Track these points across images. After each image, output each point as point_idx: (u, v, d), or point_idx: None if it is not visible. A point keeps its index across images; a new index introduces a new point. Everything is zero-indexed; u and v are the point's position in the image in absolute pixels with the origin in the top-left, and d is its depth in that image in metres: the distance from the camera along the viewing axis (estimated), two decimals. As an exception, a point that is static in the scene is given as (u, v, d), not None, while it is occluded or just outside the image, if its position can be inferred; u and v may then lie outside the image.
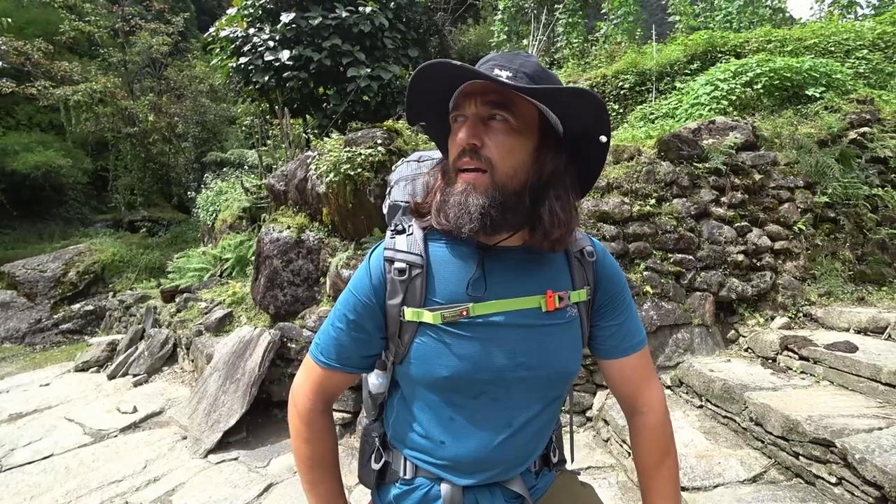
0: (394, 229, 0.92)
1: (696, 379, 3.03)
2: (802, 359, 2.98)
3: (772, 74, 4.60)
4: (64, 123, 11.73)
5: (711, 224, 3.65)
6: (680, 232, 3.54)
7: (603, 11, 8.48)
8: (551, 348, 0.88)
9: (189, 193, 11.28)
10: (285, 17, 6.79)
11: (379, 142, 4.04)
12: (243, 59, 7.02)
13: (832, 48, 5.45)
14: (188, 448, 3.39)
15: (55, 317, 8.05)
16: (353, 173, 3.84)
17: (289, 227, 4.28)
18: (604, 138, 0.82)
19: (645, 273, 3.41)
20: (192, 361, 4.67)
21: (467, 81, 0.78)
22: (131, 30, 12.04)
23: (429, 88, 0.82)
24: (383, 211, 1.16)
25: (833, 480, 2.14)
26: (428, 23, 10.57)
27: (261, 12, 7.34)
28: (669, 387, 3.26)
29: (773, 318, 3.56)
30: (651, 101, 5.73)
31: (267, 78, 6.91)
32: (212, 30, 7.89)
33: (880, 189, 3.97)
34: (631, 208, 3.53)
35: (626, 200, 3.56)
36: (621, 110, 6.03)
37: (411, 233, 0.90)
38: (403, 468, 0.93)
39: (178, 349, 5.15)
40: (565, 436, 1.13)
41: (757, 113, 4.54)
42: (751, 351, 3.36)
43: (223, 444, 3.37)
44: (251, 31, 7.17)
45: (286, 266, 4.09)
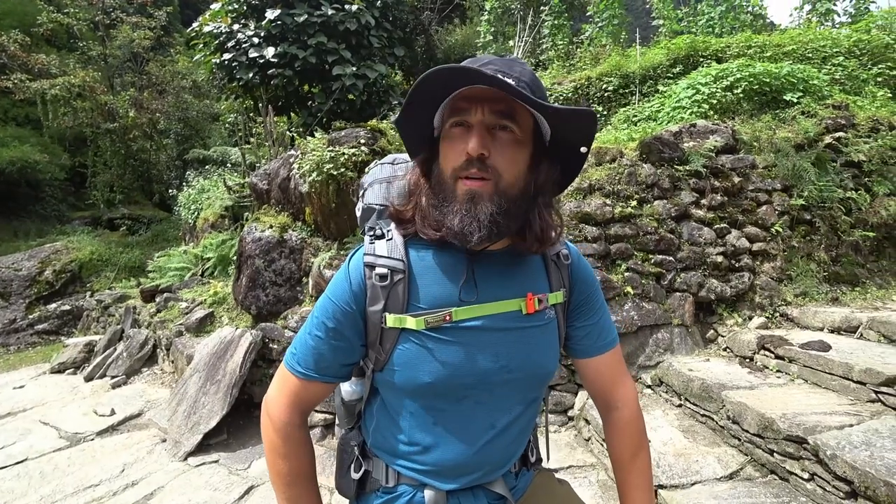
0: (372, 234, 0.91)
1: (675, 378, 3.08)
2: (778, 358, 3.04)
3: (751, 79, 4.70)
4: (41, 118, 11.45)
5: (691, 226, 3.71)
6: (660, 233, 3.59)
7: (588, 14, 8.55)
8: (532, 350, 0.89)
9: (171, 191, 11.11)
10: (270, 14, 6.72)
11: (362, 141, 4.02)
12: (227, 56, 6.93)
13: (810, 54, 5.57)
14: (167, 451, 3.34)
15: (30, 317, 7.86)
16: (336, 173, 3.82)
17: (271, 227, 4.23)
18: (584, 149, 0.85)
19: (626, 274, 3.46)
20: (173, 362, 4.60)
21: (474, 84, 0.75)
22: (112, 23, 11.82)
23: (427, 89, 0.79)
24: (356, 214, 1.15)
25: (806, 476, 2.20)
26: (414, 22, 10.55)
27: (245, 8, 7.25)
28: (650, 386, 3.30)
29: (751, 318, 3.63)
30: (634, 104, 5.80)
31: (251, 75, 6.84)
32: (195, 25, 7.77)
33: (854, 192, 4.08)
34: (613, 210, 3.57)
35: (609, 202, 3.60)
36: (605, 112, 6.09)
37: (391, 238, 0.89)
38: (385, 476, 0.92)
39: (158, 350, 5.06)
40: (541, 435, 1.14)
41: (737, 117, 4.63)
42: (729, 350, 3.42)
43: (203, 447, 3.32)
44: (235, 27, 7.08)
45: (268, 266, 4.05)
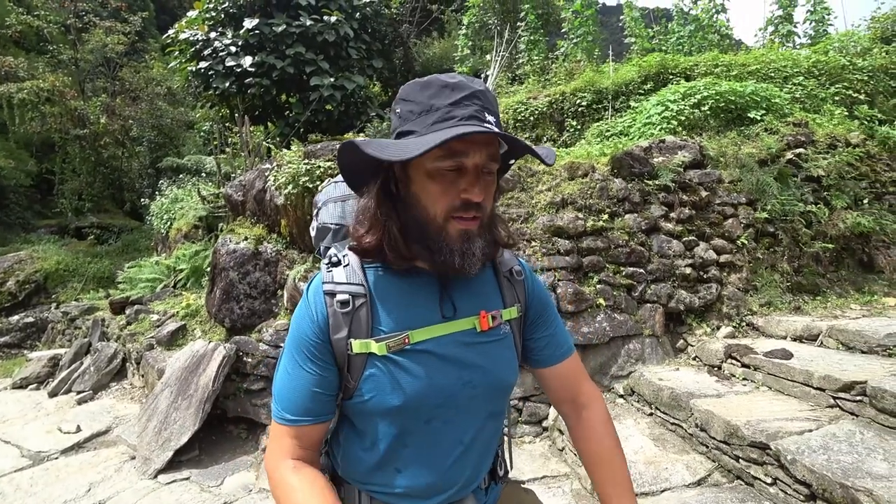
0: (328, 262, 0.91)
1: (646, 388, 3.16)
2: (744, 366, 3.15)
3: (718, 97, 4.89)
4: (7, 122, 11.09)
5: (661, 238, 3.82)
6: (631, 246, 3.69)
7: (563, 30, 8.77)
8: (491, 364, 0.92)
9: (142, 200, 10.85)
10: (248, 23, 6.69)
11: (340, 153, 4.03)
12: (203, 64, 6.87)
13: (772, 74, 5.84)
14: (137, 468, 3.24)
15: (-9, 330, 7.55)
16: (311, 186, 3.82)
17: (246, 239, 4.19)
18: (513, 161, 0.94)
19: (598, 286, 3.54)
20: (143, 377, 4.48)
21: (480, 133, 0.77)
22: (84, 27, 11.58)
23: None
24: (311, 234, 1.15)
25: (769, 481, 2.28)
26: (393, 34, 10.64)
27: (223, 16, 7.22)
28: (622, 395, 3.37)
29: (718, 328, 3.75)
30: (607, 119, 5.97)
31: (228, 84, 6.79)
32: (171, 31, 7.68)
33: (814, 206, 4.27)
34: (585, 223, 3.66)
35: (581, 216, 3.69)
36: (579, 127, 6.24)
37: (347, 263, 0.90)
38: (358, 500, 0.93)
39: (128, 364, 4.93)
40: (515, 448, 1.17)
41: (704, 133, 4.81)
42: (698, 359, 3.52)
43: (174, 464, 3.24)
44: (212, 35, 7.03)
45: (243, 278, 4.01)
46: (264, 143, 6.41)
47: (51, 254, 9.15)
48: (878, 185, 4.65)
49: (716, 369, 3.32)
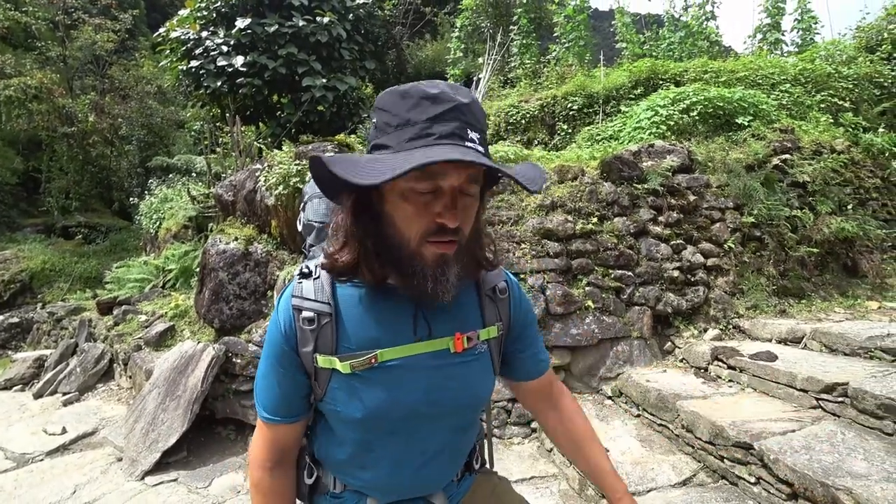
0: (300, 273, 0.90)
1: (633, 389, 3.19)
2: (730, 368, 3.19)
3: (706, 103, 4.96)
4: (-8, 119, 10.93)
5: (649, 242, 3.87)
6: (620, 249, 3.73)
7: (556, 35, 8.84)
8: (464, 384, 0.90)
9: (131, 199, 10.76)
10: (241, 23, 6.65)
11: (332, 154, 4.03)
12: (195, 63, 6.82)
13: (760, 81, 5.93)
14: (123, 470, 3.21)
15: (-26, 330, 7.41)
16: (302, 186, 3.81)
17: (236, 239, 4.17)
18: (501, 175, 0.91)
19: (587, 288, 3.57)
20: (130, 378, 4.44)
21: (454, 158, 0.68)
22: (73, 24, 11.46)
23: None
24: (298, 229, 1.17)
25: (752, 480, 2.31)
26: (386, 36, 10.66)
27: (215, 15, 7.17)
28: (610, 397, 3.40)
29: (705, 331, 3.80)
30: (598, 123, 6.02)
31: (219, 83, 6.74)
32: (162, 30, 7.61)
33: (799, 211, 4.34)
34: (574, 226, 3.69)
35: (570, 218, 3.73)
36: (570, 130, 6.29)
37: (317, 276, 0.88)
38: (333, 483, 0.97)
39: (115, 365, 4.87)
40: (504, 446, 1.19)
41: (693, 138, 4.87)
42: (685, 361, 3.56)
43: (162, 465, 3.22)
44: (204, 34, 6.98)
45: (233, 279, 3.99)
46: (255, 143, 6.38)
47: (37, 253, 9.04)
48: (862, 191, 4.74)
49: (702, 371, 3.36)
